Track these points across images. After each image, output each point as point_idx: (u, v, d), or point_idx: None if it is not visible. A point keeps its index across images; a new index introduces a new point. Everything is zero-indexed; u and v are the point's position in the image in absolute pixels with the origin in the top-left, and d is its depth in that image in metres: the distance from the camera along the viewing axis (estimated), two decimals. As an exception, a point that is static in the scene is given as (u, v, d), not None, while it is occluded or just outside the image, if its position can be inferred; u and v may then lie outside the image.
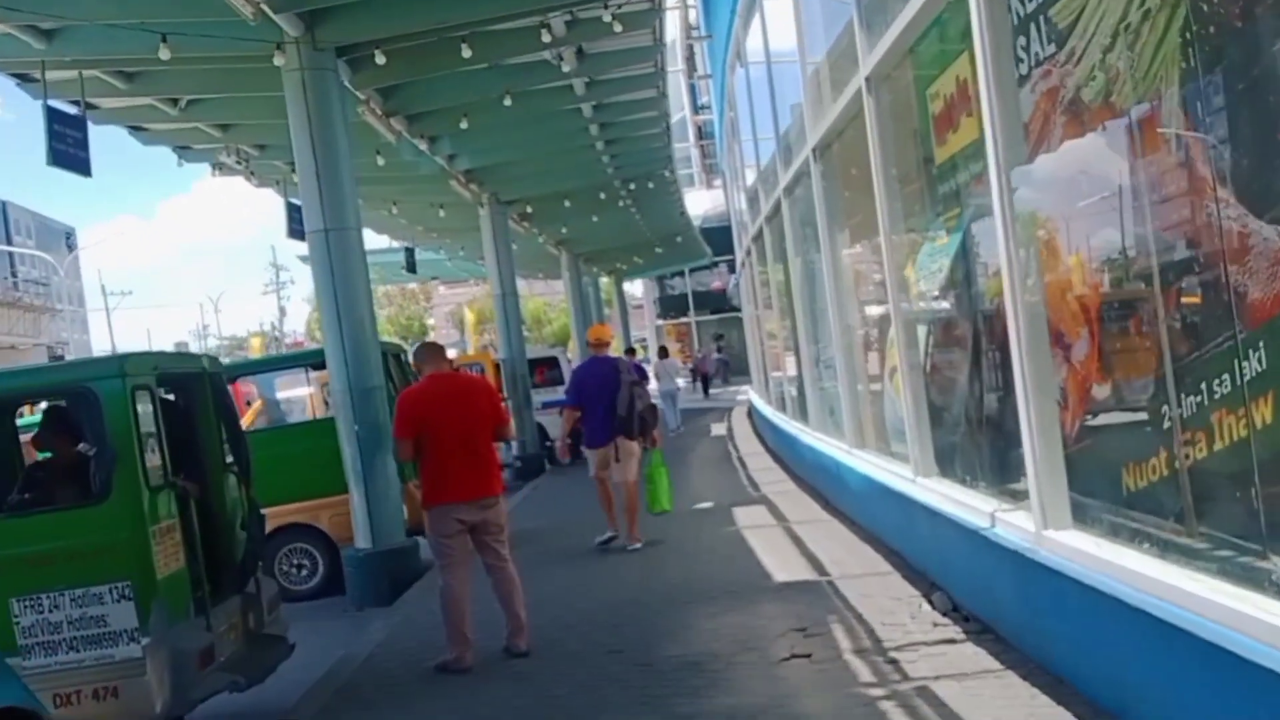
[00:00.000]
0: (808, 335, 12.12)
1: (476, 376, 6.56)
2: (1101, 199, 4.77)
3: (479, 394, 6.26)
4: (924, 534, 6.77)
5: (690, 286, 48.70)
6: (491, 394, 6.37)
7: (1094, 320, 5.05)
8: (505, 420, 6.40)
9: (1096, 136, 4.45)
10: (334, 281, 9.36)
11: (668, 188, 21.39)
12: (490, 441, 6.25)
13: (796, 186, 11.26)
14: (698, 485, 13.14)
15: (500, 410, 6.38)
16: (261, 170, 14.46)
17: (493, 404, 6.31)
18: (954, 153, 6.56)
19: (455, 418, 6.07)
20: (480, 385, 6.38)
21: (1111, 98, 4.19)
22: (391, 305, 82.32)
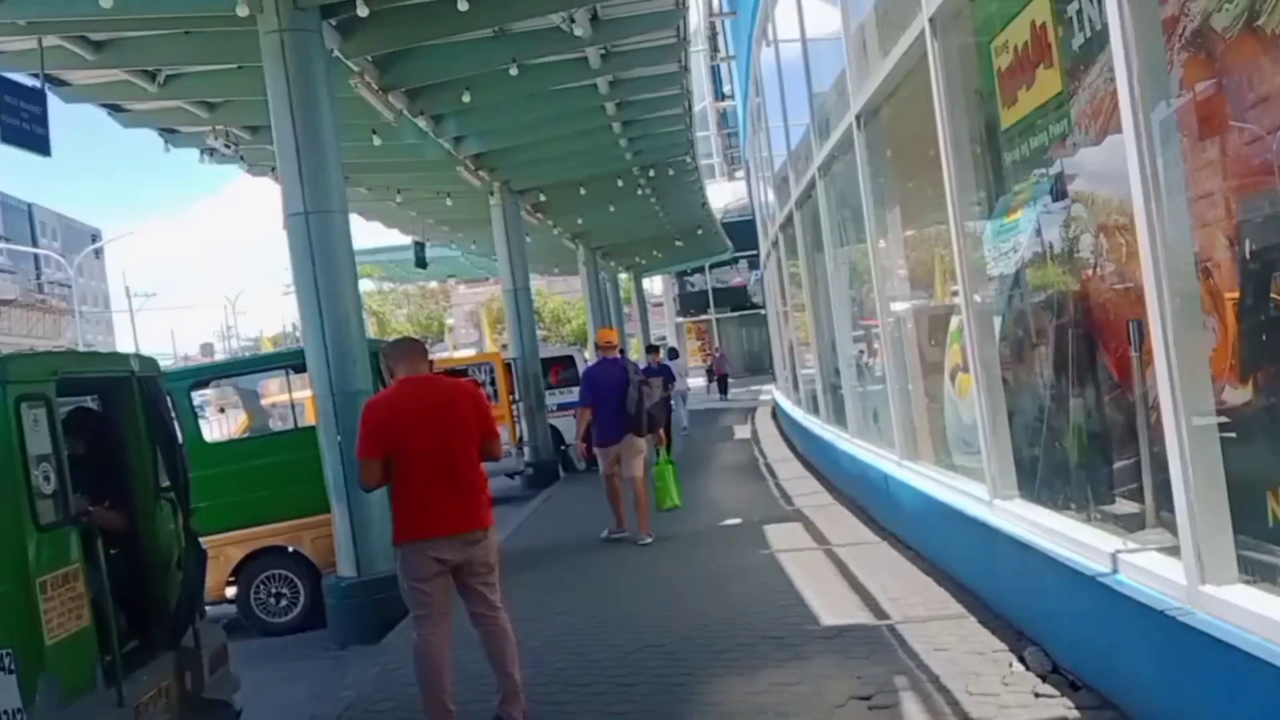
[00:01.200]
0: (845, 330, 10.89)
1: (461, 381, 5.33)
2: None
3: (463, 402, 5.07)
4: (1009, 571, 5.55)
5: (710, 283, 47.57)
6: (479, 402, 5.17)
7: (1226, 306, 3.95)
8: (494, 435, 5.20)
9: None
10: (315, 271, 8.21)
11: (689, 176, 20.16)
12: (477, 461, 5.08)
13: (835, 163, 10.05)
14: (723, 497, 11.95)
15: (490, 422, 5.19)
16: (254, 156, 13.36)
17: (480, 415, 5.12)
18: (1029, 111, 5.62)
19: (433, 432, 4.90)
20: (465, 392, 5.18)
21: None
22: (410, 304, 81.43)
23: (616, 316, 32.86)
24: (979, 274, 6.11)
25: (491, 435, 5.17)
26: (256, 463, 8.90)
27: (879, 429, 9.41)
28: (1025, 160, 6.03)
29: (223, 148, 12.51)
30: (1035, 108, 5.55)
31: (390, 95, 11.13)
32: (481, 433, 5.08)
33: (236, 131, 12.38)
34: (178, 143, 13.07)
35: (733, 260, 44.93)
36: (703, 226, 27.82)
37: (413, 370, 5.09)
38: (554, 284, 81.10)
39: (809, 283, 13.06)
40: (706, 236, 29.56)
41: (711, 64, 26.47)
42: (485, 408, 5.18)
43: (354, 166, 14.68)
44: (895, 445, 8.25)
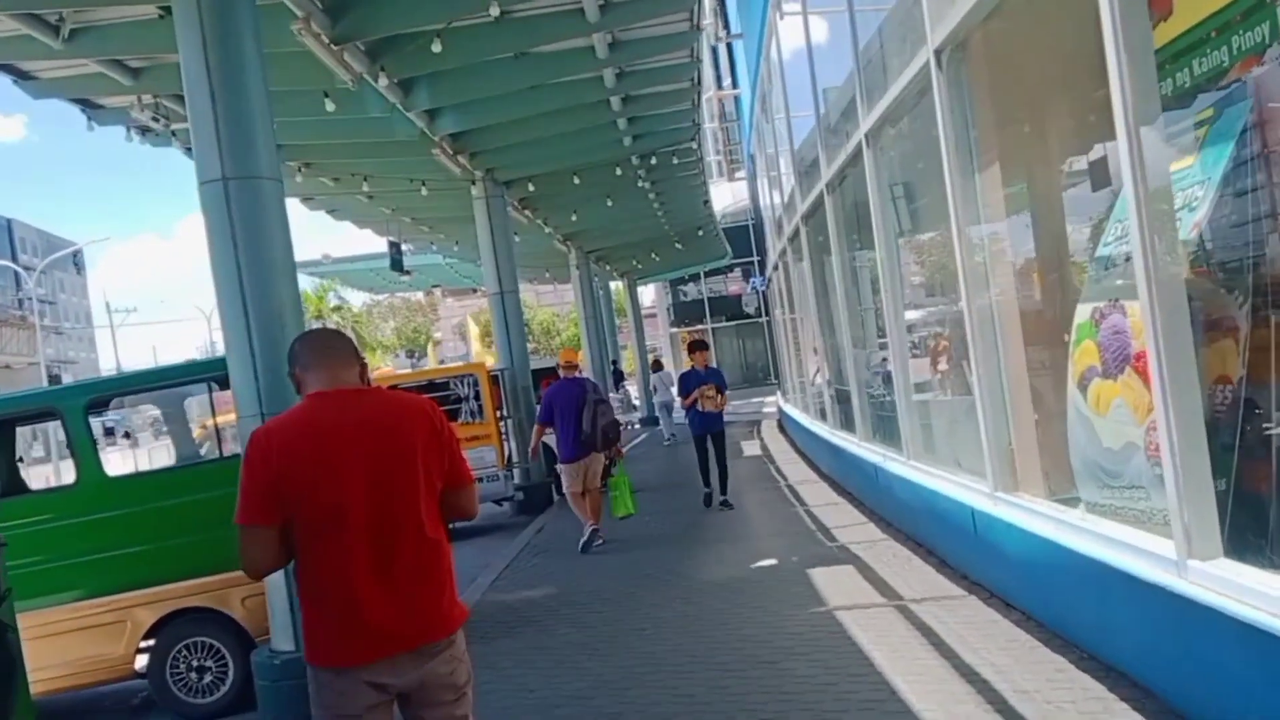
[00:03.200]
0: (896, 330, 9.05)
1: (410, 396, 3.38)
2: None
3: (413, 429, 3.17)
4: (1218, 662, 3.73)
5: (705, 292, 45.86)
6: (439, 430, 3.24)
7: None
8: (464, 479, 3.31)
9: None
10: (237, 255, 6.35)
11: (692, 169, 18.36)
12: (436, 523, 3.20)
13: (890, 125, 8.24)
14: (749, 530, 10.09)
15: (458, 460, 3.28)
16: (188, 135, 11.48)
17: (442, 449, 3.22)
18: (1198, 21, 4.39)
19: (361, 480, 3.04)
20: (416, 413, 3.24)
21: None
22: (396, 317, 79.87)
23: (609, 326, 31.03)
24: (1164, 231, 4.27)
25: (460, 480, 3.29)
26: (174, 501, 7.00)
27: (954, 450, 7.58)
28: (1189, 89, 4.54)
29: (150, 121, 10.65)
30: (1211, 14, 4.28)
31: (345, 52, 9.28)
32: (444, 477, 3.22)
33: (167, 103, 10.53)
34: (103, 120, 11.21)
35: (728, 268, 43.26)
36: (703, 228, 26.02)
37: (332, 380, 3.19)
38: (543, 296, 79.62)
39: (843, 279, 11.23)
40: (707, 239, 27.75)
41: (712, 43, 24.22)
42: (449, 437, 3.28)
43: (312, 148, 12.90)
44: (986, 473, 6.41)
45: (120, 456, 10.52)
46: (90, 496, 6.99)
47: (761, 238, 30.44)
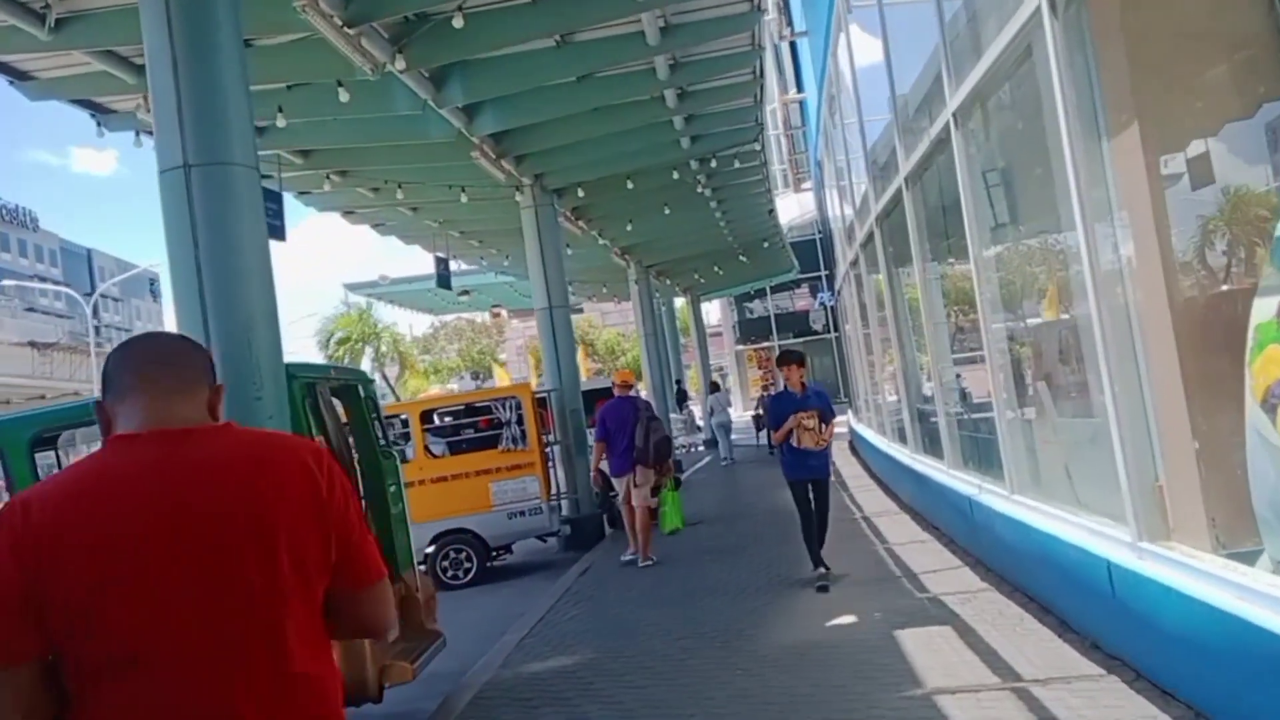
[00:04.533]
0: (993, 339, 7.66)
1: (283, 441, 2.08)
2: None
3: (271, 495, 1.93)
4: None
5: (771, 308, 44.49)
6: (318, 492, 1.97)
7: None
8: (366, 574, 2.03)
9: None
10: (197, 255, 5.26)
11: (754, 174, 17.04)
12: (312, 647, 1.94)
13: (982, 102, 6.90)
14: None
15: (353, 540, 2.02)
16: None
17: (323, 522, 1.97)
18: None
19: (171, 585, 1.82)
20: (282, 468, 1.98)
21: None
22: (462, 339, 79.67)
23: (672, 345, 29.77)
24: None
25: (359, 577, 2.04)
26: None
27: (1075, 485, 6.17)
28: None
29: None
30: None
31: (362, 37, 8.21)
32: (332, 571, 1.99)
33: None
34: (112, 125, 10.32)
35: (795, 283, 41.84)
36: (769, 239, 24.64)
37: (154, 415, 1.95)
38: (609, 315, 78.72)
39: (924, 284, 9.85)
40: (772, 251, 26.35)
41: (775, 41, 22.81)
42: (340, 506, 2.00)
43: (340, 153, 11.92)
44: (1126, 516, 5.02)
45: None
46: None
47: (829, 251, 28.97)
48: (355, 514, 2.04)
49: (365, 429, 7.24)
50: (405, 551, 7.28)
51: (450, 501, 11.92)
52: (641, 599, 8.88)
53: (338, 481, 2.02)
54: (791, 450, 8.20)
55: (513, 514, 11.99)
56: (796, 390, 8.32)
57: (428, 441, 12.59)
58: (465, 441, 13.01)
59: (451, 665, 7.37)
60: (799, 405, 8.20)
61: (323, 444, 6.21)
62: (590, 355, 62.54)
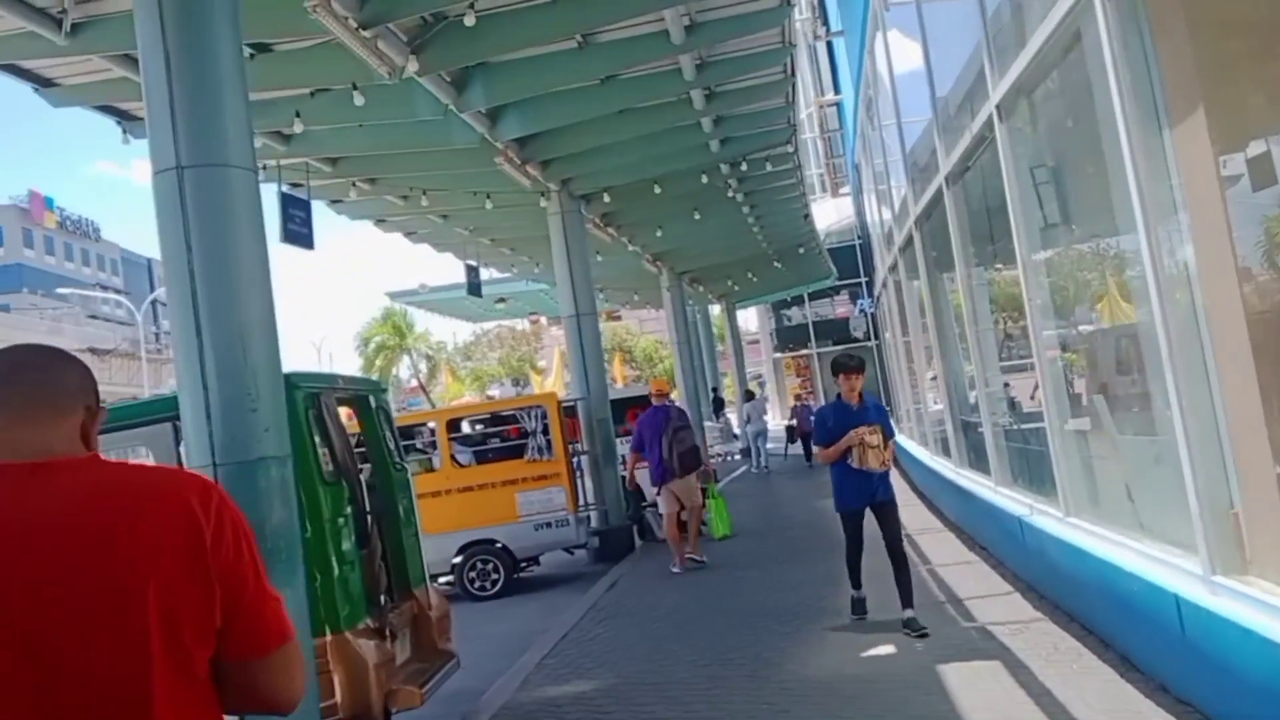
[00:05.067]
0: (1043, 348, 7.15)
1: (161, 477, 1.65)
2: None
3: (138, 543, 1.52)
4: None
5: (810, 315, 43.80)
6: (198, 537, 1.57)
7: None
8: (262, 642, 1.63)
9: None
10: (190, 260, 4.91)
11: (788, 177, 16.56)
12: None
13: (1027, 94, 6.42)
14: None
15: (246, 599, 1.62)
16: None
17: (206, 575, 1.56)
18: None
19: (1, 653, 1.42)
20: (156, 509, 1.56)
21: None
22: (503, 347, 79.76)
23: (708, 353, 29.31)
24: None
25: (255, 644, 1.64)
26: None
27: (1138, 508, 5.67)
28: None
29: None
30: None
31: (379, 40, 7.87)
32: (219, 636, 1.59)
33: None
34: (138, 131, 10.10)
35: (833, 290, 41.15)
36: (805, 245, 24.10)
37: (4, 443, 1.56)
38: (646, 324, 78.38)
39: (968, 289, 9.35)
40: (809, 258, 25.80)
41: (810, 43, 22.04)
42: (229, 555, 1.60)
43: (363, 160, 11.62)
44: (1197, 546, 4.52)
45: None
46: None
47: (868, 257, 28.40)
48: (251, 567, 1.64)
49: (377, 442, 6.88)
50: (417, 568, 6.92)
51: (477, 511, 11.63)
52: (669, 618, 8.47)
53: (230, 528, 1.62)
54: (848, 472, 6.86)
55: (539, 525, 11.66)
56: (853, 402, 6.99)
57: (454, 450, 12.26)
58: (491, 451, 12.69)
59: (471, 683, 7.05)
60: (853, 420, 6.89)
61: (326, 459, 5.85)
62: (627, 362, 62.20)
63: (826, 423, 7.08)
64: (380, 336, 48.92)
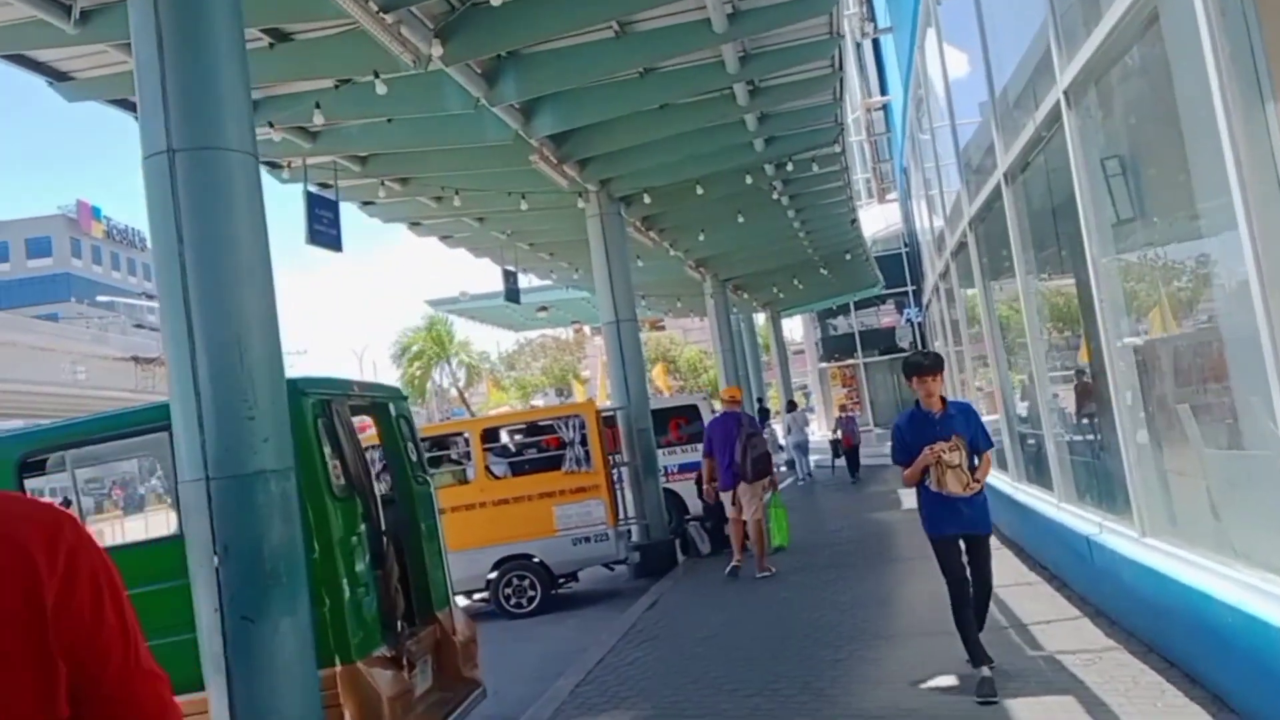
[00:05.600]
0: (1116, 352, 6.55)
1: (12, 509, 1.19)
2: None
3: None
4: None
5: (856, 325, 43.01)
6: (40, 592, 1.13)
7: None
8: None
9: None
10: (181, 251, 4.52)
11: (835, 179, 15.98)
12: None
13: (1098, 79, 5.86)
14: (914, 619, 7.70)
15: (114, 660, 1.19)
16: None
17: (37, 641, 1.12)
18: None
19: None
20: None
21: None
22: (546, 356, 79.77)
23: (752, 363, 28.73)
24: None
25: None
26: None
27: (1229, 530, 5.08)
28: None
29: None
30: None
31: (402, 25, 7.49)
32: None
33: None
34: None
35: (880, 299, 40.37)
36: (851, 251, 23.48)
37: None
38: (690, 333, 77.87)
39: (1028, 293, 8.75)
40: (855, 265, 25.16)
41: (857, 40, 21.08)
42: (85, 616, 1.17)
43: (392, 159, 11.28)
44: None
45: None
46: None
47: (916, 265, 27.68)
48: (118, 635, 1.20)
49: (397, 453, 6.47)
50: (441, 589, 6.50)
51: (513, 525, 11.24)
52: (712, 640, 8.00)
53: (87, 583, 1.17)
54: (929, 494, 5.80)
55: (577, 540, 11.22)
56: (934, 409, 5.83)
57: (488, 461, 11.87)
58: (527, 462, 12.28)
59: (499, 711, 6.72)
60: (938, 431, 5.73)
61: (338, 472, 5.43)
62: (671, 372, 61.75)
63: (903, 436, 5.88)
64: (418, 345, 48.78)
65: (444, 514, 10.98)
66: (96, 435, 5.44)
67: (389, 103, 9.42)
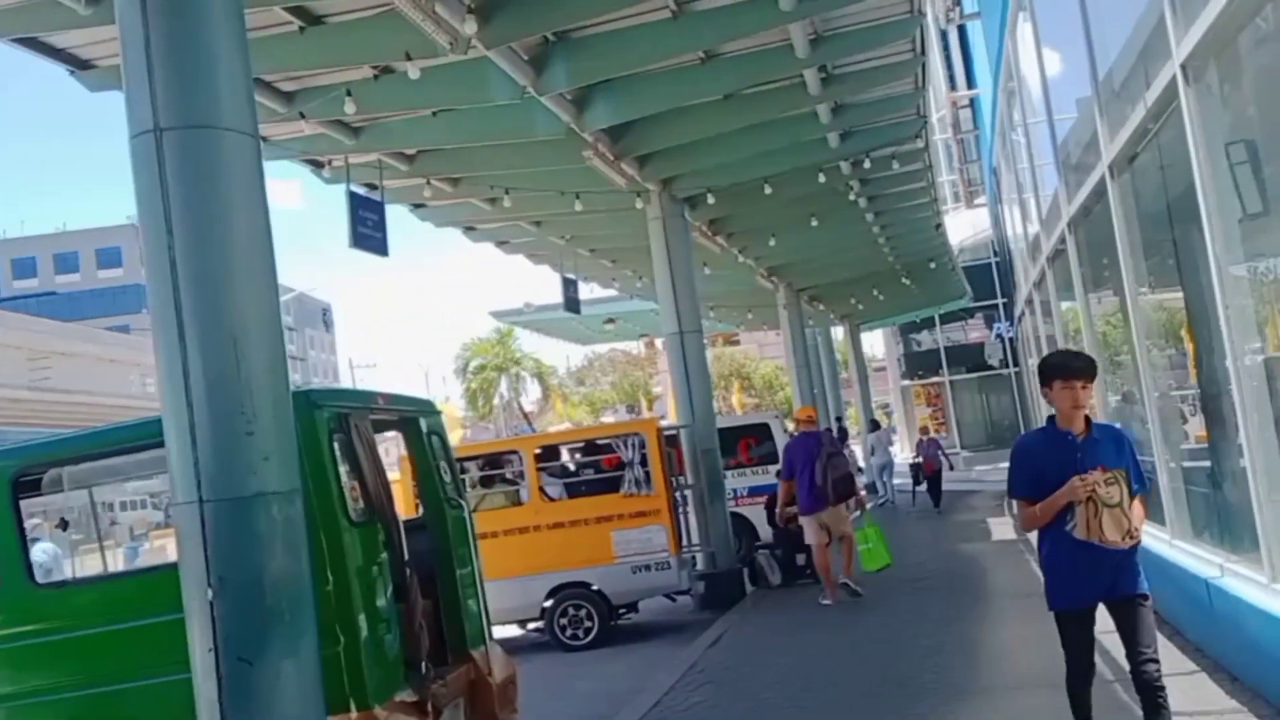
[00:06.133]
0: (1243, 367, 5.93)
1: None
2: None
3: None
4: None
5: (941, 340, 41.97)
6: None
7: None
8: None
9: None
10: (170, 242, 4.20)
11: (918, 178, 15.37)
12: None
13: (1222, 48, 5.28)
14: (1012, 669, 7.14)
15: None
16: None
17: None
18: None
19: None
20: None
21: None
22: (615, 371, 79.82)
23: (829, 379, 28.07)
24: None
25: None
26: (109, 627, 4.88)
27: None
28: None
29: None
30: None
31: (436, 3, 7.17)
32: None
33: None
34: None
35: (966, 313, 39.32)
36: (936, 259, 22.77)
37: None
38: (767, 348, 77.25)
39: (1135, 299, 8.13)
40: (940, 274, 24.40)
41: (942, 27, 20.29)
42: None
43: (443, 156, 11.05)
44: None
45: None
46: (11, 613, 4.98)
47: (1006, 275, 26.73)
48: None
49: (429, 473, 6.11)
50: (476, 625, 6.12)
51: (568, 551, 10.93)
52: (779, 686, 7.60)
53: None
54: (1066, 545, 4.37)
55: (637, 568, 10.86)
56: (1076, 429, 4.44)
57: (542, 482, 11.53)
58: (584, 483, 11.92)
59: None
60: (1084, 459, 4.34)
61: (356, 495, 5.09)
62: (746, 389, 61.18)
63: (1031, 461, 4.58)
64: (480, 358, 48.81)
65: (495, 537, 10.98)
66: (96, 450, 5.18)
67: (431, 92, 9.16)
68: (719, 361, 57.23)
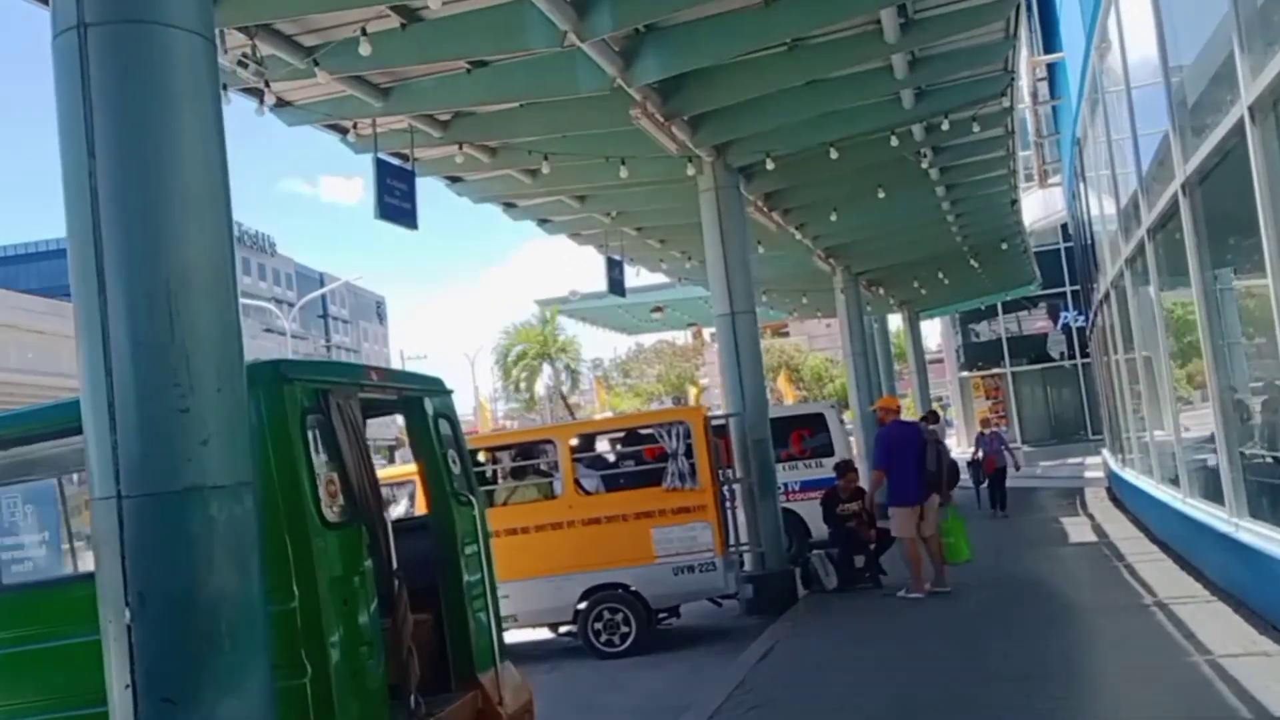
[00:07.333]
0: None
1: None
2: None
3: None
4: None
5: (1003, 330, 40.57)
6: None
7: None
8: None
9: None
10: (93, 170, 3.34)
11: (997, 146, 14.23)
12: None
13: None
14: (1111, 694, 6.11)
15: None
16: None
17: None
18: None
19: None
20: None
21: None
22: (662, 361, 79.26)
23: (885, 369, 26.97)
24: None
25: None
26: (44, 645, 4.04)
27: None
28: None
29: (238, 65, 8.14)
30: None
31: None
32: None
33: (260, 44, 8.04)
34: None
35: (1030, 302, 37.90)
36: (1008, 240, 21.55)
37: None
38: (816, 340, 76.07)
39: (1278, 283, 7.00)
40: (1011, 257, 23.15)
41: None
42: None
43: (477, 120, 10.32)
44: None
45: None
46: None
47: (1080, 261, 25.33)
48: None
49: (434, 464, 5.20)
50: (486, 643, 5.21)
51: (604, 549, 10.19)
52: (838, 712, 6.76)
53: None
54: None
55: (679, 569, 10.07)
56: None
57: (578, 474, 10.72)
58: (623, 476, 11.09)
59: None
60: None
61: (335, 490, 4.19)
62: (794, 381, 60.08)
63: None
64: (522, 344, 48.09)
65: (526, 533, 10.20)
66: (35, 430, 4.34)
67: (461, 42, 8.28)
68: (768, 354, 56.37)
